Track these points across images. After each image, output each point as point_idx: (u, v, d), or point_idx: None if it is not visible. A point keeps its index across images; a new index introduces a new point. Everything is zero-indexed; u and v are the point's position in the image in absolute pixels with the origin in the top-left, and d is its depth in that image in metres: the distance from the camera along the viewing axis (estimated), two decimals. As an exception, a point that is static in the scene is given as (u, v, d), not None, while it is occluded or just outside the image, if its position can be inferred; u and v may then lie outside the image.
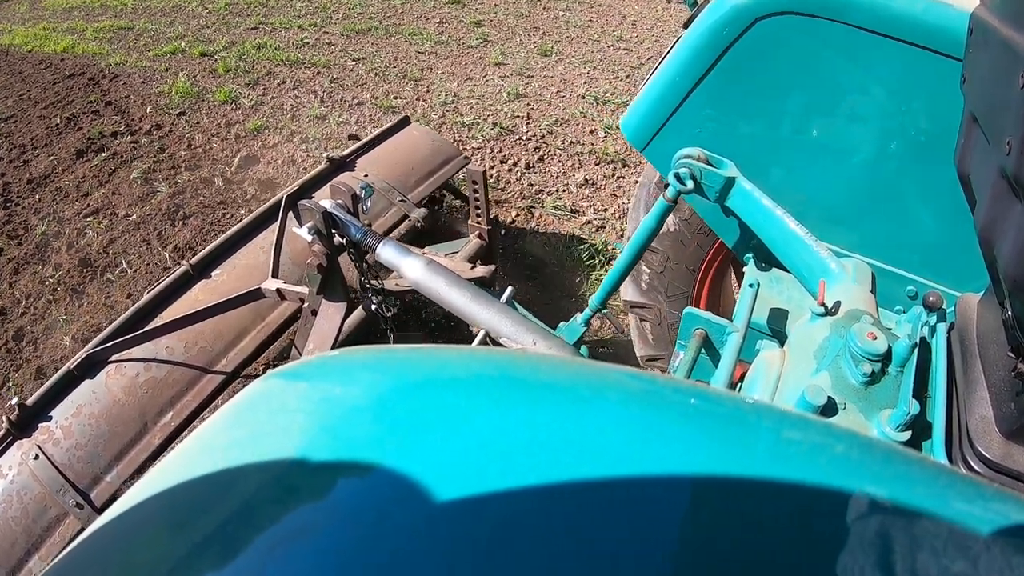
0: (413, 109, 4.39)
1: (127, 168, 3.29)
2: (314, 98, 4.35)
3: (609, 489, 0.46)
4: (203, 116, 4.00)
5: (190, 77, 4.58)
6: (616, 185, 3.81)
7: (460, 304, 1.80)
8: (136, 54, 5.11)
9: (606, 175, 3.86)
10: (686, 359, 1.72)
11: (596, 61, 5.83)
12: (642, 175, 2.56)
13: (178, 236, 2.79)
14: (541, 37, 6.38)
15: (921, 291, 1.89)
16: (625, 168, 4.03)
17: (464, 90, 4.79)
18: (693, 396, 0.58)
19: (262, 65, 4.90)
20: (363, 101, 4.37)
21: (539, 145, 4.13)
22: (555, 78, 5.39)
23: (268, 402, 0.60)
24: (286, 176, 3.43)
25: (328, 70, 4.94)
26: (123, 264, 2.61)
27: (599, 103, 4.94)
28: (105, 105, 4.04)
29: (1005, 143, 0.98)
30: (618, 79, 5.45)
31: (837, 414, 1.26)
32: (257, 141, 3.69)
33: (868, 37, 1.67)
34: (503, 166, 3.73)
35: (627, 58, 6.03)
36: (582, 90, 5.12)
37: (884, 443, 0.57)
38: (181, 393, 2.16)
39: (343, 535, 0.44)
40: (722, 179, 1.77)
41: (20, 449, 1.93)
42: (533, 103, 4.77)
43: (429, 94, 4.68)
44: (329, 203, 1.96)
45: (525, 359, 0.66)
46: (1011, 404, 1.12)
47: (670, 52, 2.03)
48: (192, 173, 3.23)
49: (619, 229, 3.53)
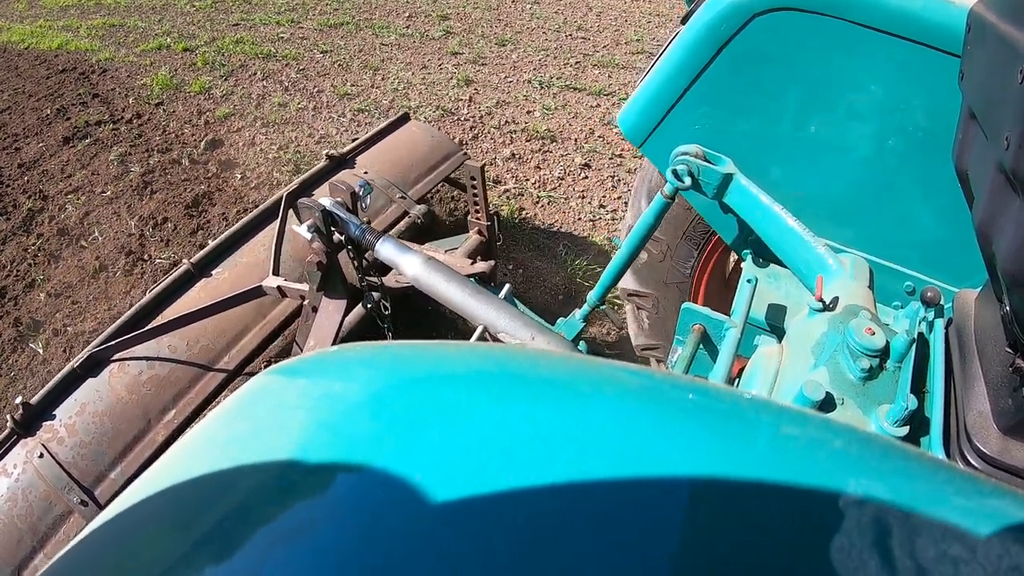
0: (368, 95, 4.74)
1: (107, 152, 3.67)
2: (279, 87, 4.76)
3: (608, 486, 0.46)
4: (179, 106, 4.37)
5: (171, 71, 4.99)
6: (541, 159, 4.20)
7: (458, 300, 1.80)
8: (125, 50, 5.45)
9: (533, 150, 4.26)
10: (684, 354, 1.72)
11: (550, 49, 6.15)
12: (639, 170, 2.56)
13: (144, 208, 3.18)
14: (503, 28, 6.64)
15: (919, 287, 1.89)
16: (553, 143, 4.41)
17: (417, 78, 5.16)
18: (691, 392, 0.58)
19: (237, 59, 5.31)
20: (323, 89, 4.77)
21: (475, 125, 4.48)
22: (506, 65, 5.70)
23: (267, 398, 0.60)
24: (245, 156, 3.77)
25: (296, 62, 5.33)
26: (95, 233, 3.02)
27: (543, 86, 5.31)
28: (93, 97, 4.45)
29: (1003, 139, 0.98)
30: (567, 65, 5.80)
31: (835, 409, 1.26)
32: (224, 127, 4.08)
33: (866, 33, 1.67)
34: None
35: (583, 46, 6.33)
36: (529, 75, 5.48)
37: (882, 438, 0.57)
38: (184, 391, 2.17)
39: (342, 532, 0.44)
40: (720, 176, 1.77)
41: (25, 448, 1.94)
42: (480, 88, 5.12)
43: (384, 82, 5.03)
44: (328, 201, 1.97)
45: (523, 355, 0.66)
46: (1008, 400, 1.13)
47: (667, 48, 2.02)
48: (163, 155, 3.63)
49: (535, 197, 3.80)
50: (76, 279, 2.87)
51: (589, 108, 5.05)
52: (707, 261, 2.40)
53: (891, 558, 0.43)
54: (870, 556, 0.43)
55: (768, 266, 1.98)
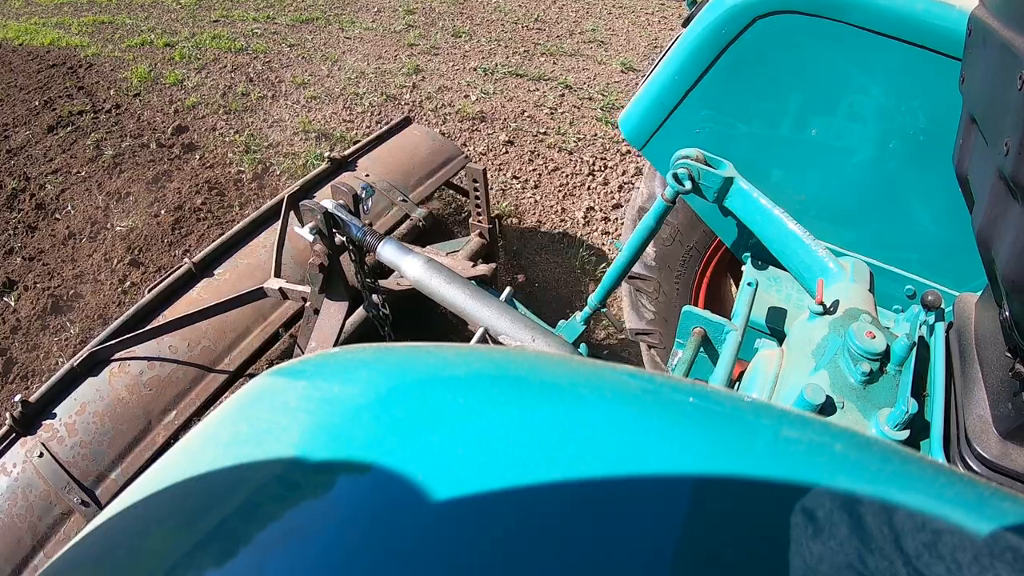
0: (322, 84, 5.12)
1: (85, 138, 4.09)
2: (245, 78, 5.13)
3: (608, 488, 0.46)
4: (153, 96, 4.73)
5: (151, 65, 5.34)
6: (468, 136, 4.58)
7: (460, 302, 1.80)
8: (111, 46, 5.79)
9: (462, 129, 4.65)
10: (685, 357, 1.72)
11: (504, 39, 6.50)
12: (642, 176, 2.56)
13: (112, 184, 3.66)
14: (463, 21, 6.95)
15: (919, 290, 1.89)
16: (482, 123, 4.75)
17: (371, 67, 5.52)
18: (692, 395, 0.58)
19: (212, 53, 5.65)
20: (283, 80, 5.17)
21: (414, 108, 4.87)
22: (457, 55, 6.05)
23: (268, 400, 0.60)
24: (205, 140, 4.18)
25: (264, 55, 5.67)
26: (68, 207, 3.51)
27: (486, 73, 5.64)
28: (78, 90, 4.80)
29: (1003, 144, 0.98)
30: (516, 54, 6.18)
31: (835, 413, 1.26)
32: (191, 114, 4.47)
33: (868, 36, 1.67)
34: (376, 125, 4.54)
35: (536, 36, 6.71)
36: (476, 64, 5.82)
37: (882, 442, 0.57)
38: (184, 391, 2.16)
39: (343, 533, 0.44)
40: (720, 179, 1.77)
41: (24, 446, 1.94)
42: (427, 75, 5.47)
43: (340, 72, 5.38)
44: (330, 203, 1.97)
45: (524, 357, 0.66)
46: (1008, 404, 1.13)
47: (669, 51, 2.03)
48: (134, 140, 4.05)
49: None
50: (48, 245, 3.34)
51: (526, 92, 5.39)
52: (706, 266, 2.40)
53: (891, 561, 0.43)
54: (870, 559, 0.43)
55: (768, 269, 1.98)
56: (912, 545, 0.45)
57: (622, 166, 4.41)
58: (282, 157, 3.99)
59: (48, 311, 2.95)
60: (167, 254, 3.00)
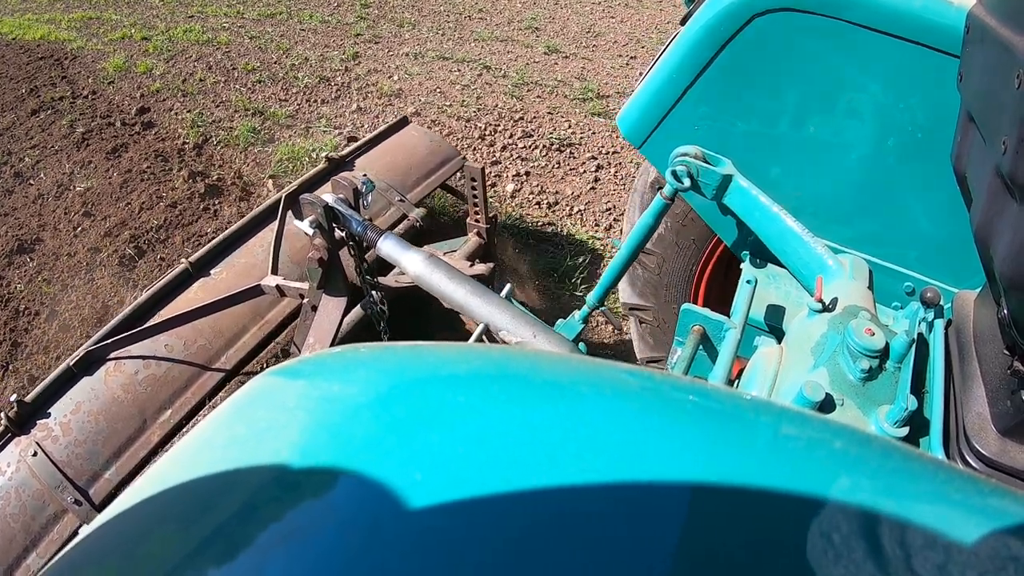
0: (268, 70, 5.75)
1: (62, 119, 4.67)
2: (204, 67, 5.75)
3: (608, 487, 0.46)
4: (125, 84, 5.33)
5: (127, 56, 5.88)
6: (381, 110, 5.19)
7: (460, 298, 1.80)
8: (95, 40, 6.33)
9: (378, 104, 5.25)
10: (684, 355, 1.72)
11: (444, 29, 7.07)
12: (637, 176, 2.56)
13: (78, 156, 4.21)
14: (411, 13, 7.54)
15: (918, 287, 1.89)
16: (396, 99, 5.35)
17: (315, 55, 6.14)
18: (691, 393, 0.58)
19: (182, 45, 6.24)
20: (237, 67, 5.76)
21: (340, 88, 5.48)
22: (396, 43, 6.62)
23: (267, 400, 0.60)
24: (163, 119, 4.78)
25: (227, 47, 6.25)
26: (41, 174, 4.09)
27: (416, 57, 6.23)
28: (61, 79, 5.41)
29: (1001, 142, 0.98)
30: (450, 40, 6.75)
31: (835, 410, 1.26)
32: (154, 98, 5.08)
33: (866, 34, 1.67)
34: (307, 104, 5.22)
35: (475, 25, 7.27)
36: (408, 50, 6.42)
37: (882, 439, 0.57)
38: (180, 390, 2.16)
39: (342, 534, 0.44)
40: (719, 177, 1.77)
41: (19, 446, 1.93)
42: (361, 61, 6.08)
43: (287, 59, 6.01)
44: (331, 197, 1.96)
45: (523, 356, 0.66)
46: (1007, 401, 1.13)
47: (667, 48, 2.03)
48: (103, 120, 4.65)
49: (361, 135, 4.60)
50: (20, 204, 3.93)
51: (447, 72, 5.94)
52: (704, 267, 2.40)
53: (891, 558, 0.43)
54: (870, 557, 0.43)
55: (767, 267, 1.98)
56: (911, 543, 0.44)
57: (511, 130, 4.93)
58: (221, 131, 4.63)
59: (14, 251, 3.50)
60: (113, 206, 3.66)
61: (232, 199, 3.75)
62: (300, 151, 4.32)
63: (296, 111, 5.04)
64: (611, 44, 7.10)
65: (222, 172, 4.03)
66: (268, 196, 3.40)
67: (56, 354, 2.83)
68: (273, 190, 3.84)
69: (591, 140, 4.89)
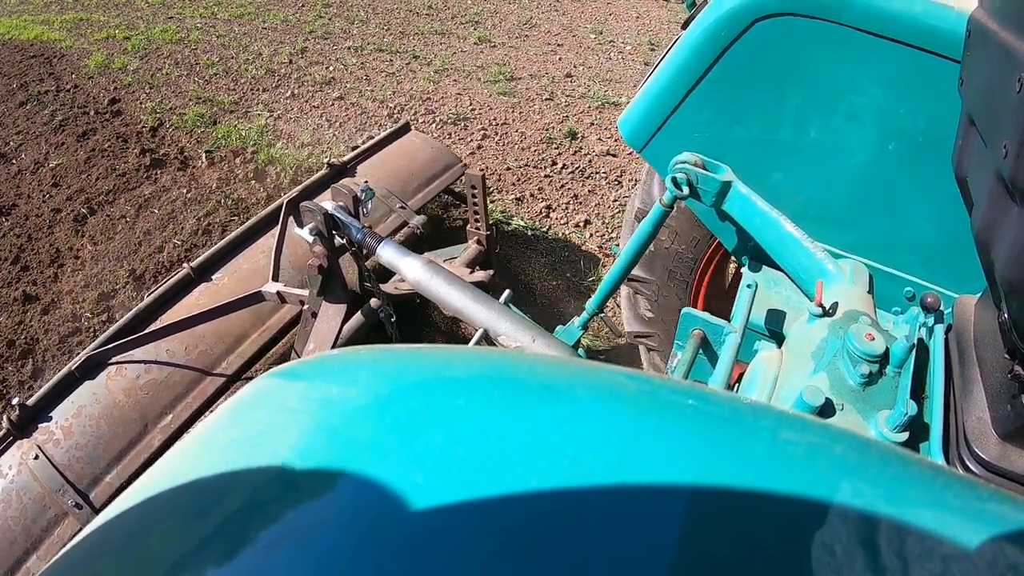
0: (225, 64, 6.32)
1: (45, 109, 5.32)
2: (171, 63, 6.33)
3: (608, 491, 0.46)
4: (103, 79, 5.91)
5: (108, 54, 6.43)
6: (311, 95, 5.77)
7: (459, 304, 1.80)
8: (82, 39, 6.88)
9: (312, 91, 5.82)
10: (684, 359, 1.72)
11: (391, 25, 7.63)
12: (637, 183, 2.56)
13: (55, 139, 4.84)
14: (366, 12, 8.10)
15: (919, 292, 1.89)
16: (327, 86, 5.93)
17: (268, 50, 6.69)
18: (691, 397, 0.58)
19: (156, 44, 6.81)
20: (199, 62, 6.35)
21: (282, 78, 6.08)
22: (343, 38, 7.11)
23: (267, 402, 0.60)
24: (130, 107, 5.38)
25: (195, 45, 6.83)
26: (22, 155, 4.68)
27: (355, 50, 6.75)
28: (49, 75, 6.01)
29: (1002, 146, 0.98)
30: (392, 35, 7.32)
31: (835, 415, 1.26)
32: (124, 91, 5.69)
33: (867, 38, 1.67)
34: (251, 92, 5.81)
35: (421, 21, 7.85)
36: (351, 44, 6.95)
37: (882, 444, 0.57)
38: (181, 395, 2.16)
39: (342, 536, 0.44)
40: (718, 183, 1.77)
41: (20, 449, 1.93)
42: (307, 54, 6.64)
43: (243, 54, 6.57)
44: (331, 205, 1.97)
45: (523, 359, 0.66)
46: (1007, 406, 1.13)
47: (668, 53, 2.03)
48: (79, 109, 5.28)
49: (288, 117, 5.35)
50: (2, 179, 4.50)
51: (379, 63, 6.50)
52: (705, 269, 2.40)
53: (890, 563, 0.43)
54: (869, 561, 0.43)
55: (768, 271, 1.98)
56: (911, 548, 0.44)
57: (417, 109, 5.55)
58: (175, 116, 5.20)
59: (-8, 217, 4.16)
60: (76, 178, 4.34)
61: (172, 170, 4.48)
62: (234, 130, 5.00)
63: (240, 99, 5.68)
64: (543, 34, 7.66)
65: (168, 149, 4.74)
66: (202, 167, 4.52)
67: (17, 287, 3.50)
68: (205, 161, 4.56)
69: (486, 115, 5.49)
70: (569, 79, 6.36)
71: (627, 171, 4.75)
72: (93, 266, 3.51)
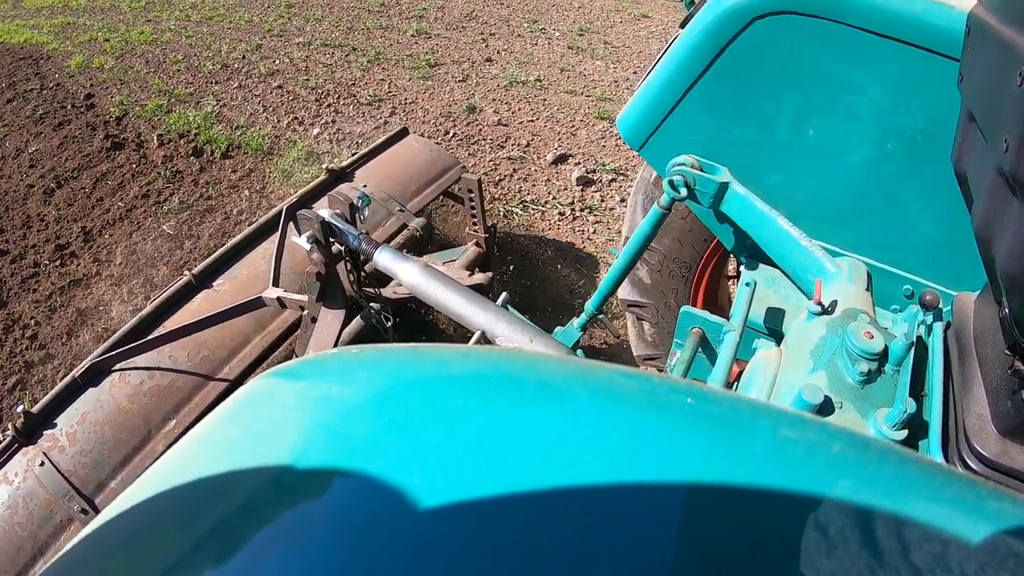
0: (189, 61, 6.79)
1: (28, 105, 5.84)
2: (142, 61, 6.82)
3: (606, 489, 0.46)
4: (82, 77, 6.42)
5: (88, 55, 6.89)
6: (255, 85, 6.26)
7: (457, 307, 1.80)
8: (68, 42, 7.35)
9: (256, 82, 6.32)
10: (683, 358, 1.72)
11: (343, 22, 8.08)
12: (636, 181, 2.56)
13: (35, 129, 5.43)
14: (324, 11, 8.49)
15: (917, 290, 1.89)
16: (271, 77, 6.39)
17: (228, 47, 7.15)
18: (690, 395, 0.58)
19: (132, 45, 7.27)
20: (166, 60, 6.82)
21: (233, 71, 6.55)
22: (296, 35, 7.59)
23: (265, 401, 0.60)
24: (103, 101, 5.89)
25: (167, 45, 7.30)
26: (6, 144, 5.26)
27: (303, 46, 7.21)
28: (35, 75, 6.53)
29: (1002, 141, 0.98)
30: (340, 31, 7.76)
31: (834, 413, 1.26)
32: (100, 87, 6.18)
33: (866, 37, 1.67)
34: (206, 84, 6.28)
35: (371, 17, 8.26)
36: (300, 39, 7.42)
37: (881, 442, 0.57)
38: (184, 401, 2.17)
39: (339, 534, 0.44)
40: (715, 185, 1.77)
41: (26, 456, 1.95)
42: (261, 50, 7.10)
43: (204, 52, 7.05)
44: (327, 212, 1.98)
45: (521, 358, 0.66)
46: (1007, 402, 1.12)
47: (667, 52, 2.03)
48: (59, 104, 5.82)
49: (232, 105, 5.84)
50: None
51: (321, 56, 6.95)
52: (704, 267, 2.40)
53: (889, 561, 0.43)
54: (868, 559, 0.43)
55: (767, 269, 1.98)
56: (910, 546, 0.45)
57: (342, 94, 6.04)
58: (138, 107, 5.72)
59: (-25, 196, 4.70)
60: (49, 160, 4.97)
61: (128, 151, 5.07)
62: (184, 117, 5.55)
63: (195, 91, 6.19)
64: (480, 25, 8.06)
65: (128, 134, 5.34)
66: (153, 147, 5.09)
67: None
68: (156, 143, 5.14)
69: (400, 96, 6.06)
70: (488, 63, 6.87)
71: (512, 137, 5.38)
72: (55, 227, 4.30)
